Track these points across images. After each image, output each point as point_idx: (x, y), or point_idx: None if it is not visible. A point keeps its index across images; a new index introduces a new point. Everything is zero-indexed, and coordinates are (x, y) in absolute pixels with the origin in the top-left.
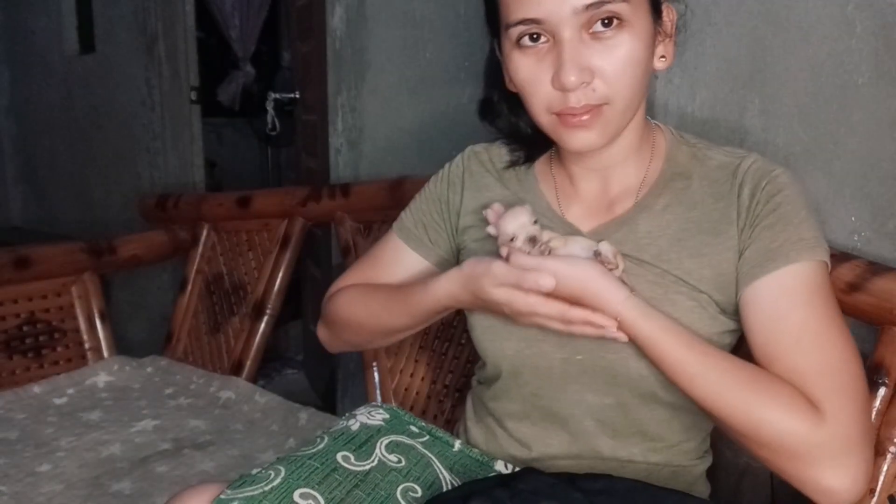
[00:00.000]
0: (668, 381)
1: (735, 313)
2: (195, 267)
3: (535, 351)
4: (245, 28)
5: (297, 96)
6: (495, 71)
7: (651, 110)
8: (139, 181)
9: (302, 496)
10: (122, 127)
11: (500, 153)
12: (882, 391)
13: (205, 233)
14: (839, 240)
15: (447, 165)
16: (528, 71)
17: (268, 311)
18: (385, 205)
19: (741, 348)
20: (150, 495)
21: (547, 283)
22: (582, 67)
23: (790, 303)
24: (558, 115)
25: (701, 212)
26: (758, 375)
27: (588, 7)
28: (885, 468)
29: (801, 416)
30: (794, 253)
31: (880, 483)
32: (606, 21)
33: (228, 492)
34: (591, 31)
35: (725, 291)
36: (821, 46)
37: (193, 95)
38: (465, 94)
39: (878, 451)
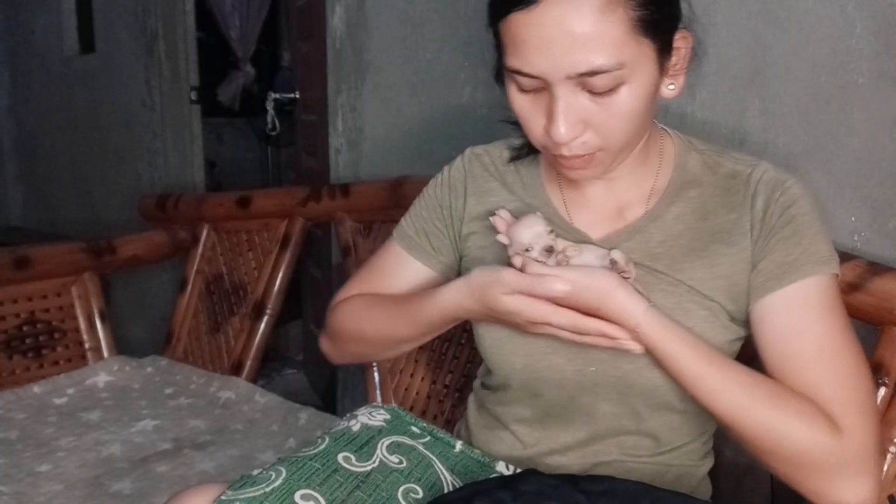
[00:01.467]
0: (686, 394)
1: (744, 322)
2: (195, 267)
3: (545, 364)
4: (245, 28)
5: (297, 96)
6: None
7: None
8: (139, 181)
9: (303, 497)
10: (122, 127)
11: (500, 154)
12: (882, 391)
13: (205, 233)
14: (839, 240)
15: (446, 169)
16: (523, 109)
17: (268, 311)
18: (385, 205)
19: (744, 354)
20: (150, 495)
21: (561, 287)
22: (574, 123)
23: (808, 317)
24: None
25: (713, 221)
26: (778, 391)
27: (581, 75)
28: (885, 468)
29: (821, 431)
30: (810, 266)
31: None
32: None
33: (229, 492)
34: (586, 89)
35: (737, 301)
36: (821, 46)
37: (193, 95)
38: (465, 94)
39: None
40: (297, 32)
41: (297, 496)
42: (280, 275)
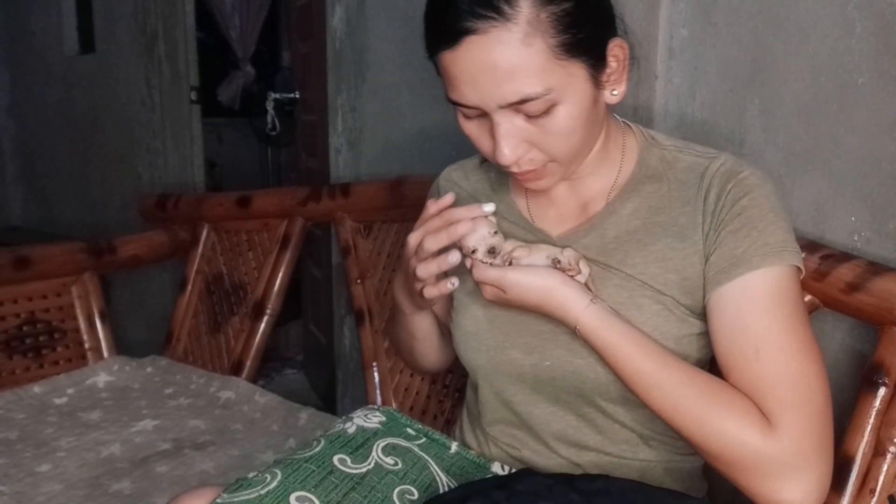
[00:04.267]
0: (628, 389)
1: (704, 315)
2: (195, 267)
3: (504, 358)
4: (245, 28)
5: (297, 96)
6: None
7: (651, 110)
8: (139, 181)
9: (298, 499)
10: (122, 127)
11: (473, 164)
12: (882, 391)
13: (205, 233)
14: (839, 240)
15: (431, 190)
16: (471, 134)
17: (268, 311)
18: (385, 205)
19: None
20: (150, 495)
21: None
22: (515, 145)
23: (751, 311)
24: None
25: (668, 216)
26: (713, 386)
27: (511, 104)
28: (885, 468)
29: (751, 428)
30: (758, 259)
31: (880, 483)
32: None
33: (225, 495)
34: (521, 113)
35: (692, 295)
36: (821, 46)
37: (193, 95)
38: None
39: (878, 451)
40: (297, 32)
41: (292, 498)
42: (280, 275)
